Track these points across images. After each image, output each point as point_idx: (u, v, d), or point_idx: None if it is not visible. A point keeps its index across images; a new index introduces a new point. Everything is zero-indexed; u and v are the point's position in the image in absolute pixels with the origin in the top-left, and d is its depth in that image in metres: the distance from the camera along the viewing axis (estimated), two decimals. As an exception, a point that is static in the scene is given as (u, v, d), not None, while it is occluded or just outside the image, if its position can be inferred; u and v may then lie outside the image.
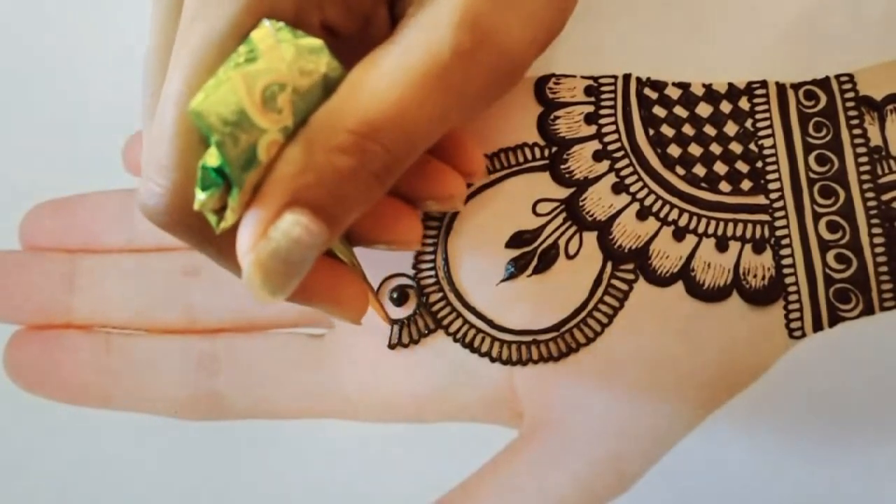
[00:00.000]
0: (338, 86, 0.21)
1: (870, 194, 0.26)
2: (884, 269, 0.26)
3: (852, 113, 0.27)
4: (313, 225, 0.20)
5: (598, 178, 0.27)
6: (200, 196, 0.20)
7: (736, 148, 0.27)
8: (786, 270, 0.26)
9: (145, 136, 0.24)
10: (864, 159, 0.27)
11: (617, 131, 0.28)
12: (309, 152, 0.20)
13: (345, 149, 0.20)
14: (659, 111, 0.28)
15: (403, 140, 0.21)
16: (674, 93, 0.28)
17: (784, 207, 0.27)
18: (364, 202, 0.21)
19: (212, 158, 0.20)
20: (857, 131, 0.27)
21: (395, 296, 0.28)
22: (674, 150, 0.27)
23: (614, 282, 0.27)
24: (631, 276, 0.27)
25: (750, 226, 0.27)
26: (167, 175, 0.21)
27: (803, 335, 0.26)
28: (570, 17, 0.24)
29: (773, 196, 0.27)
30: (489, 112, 0.28)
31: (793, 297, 0.26)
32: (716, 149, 0.27)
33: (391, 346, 0.27)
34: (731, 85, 0.28)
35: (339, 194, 0.20)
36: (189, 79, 0.21)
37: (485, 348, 0.27)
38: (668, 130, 0.27)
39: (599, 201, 0.27)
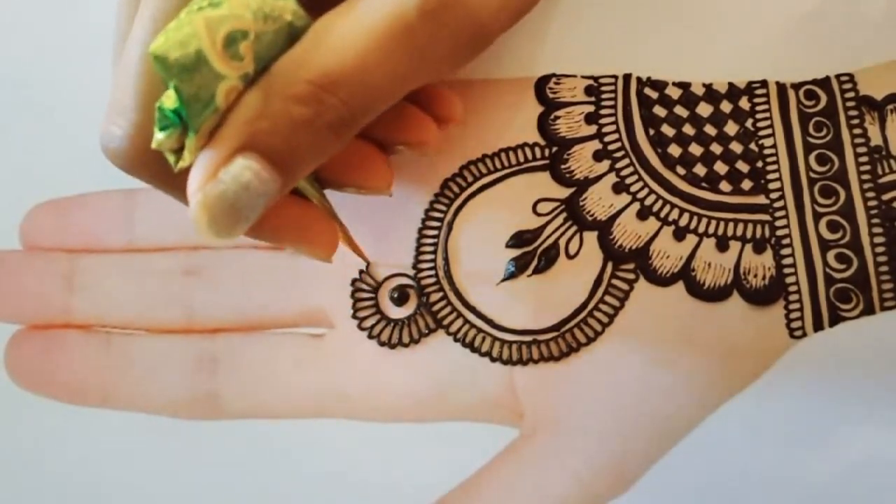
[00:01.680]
0: (302, 35, 0.21)
1: (870, 194, 0.26)
2: (884, 268, 0.26)
3: (853, 112, 0.27)
4: (264, 172, 0.20)
5: (598, 178, 0.27)
6: (158, 136, 0.20)
7: (736, 147, 0.27)
8: (786, 270, 0.26)
9: (112, 79, 0.24)
10: (864, 159, 0.27)
11: (617, 131, 0.28)
12: (266, 99, 0.20)
13: (301, 98, 0.20)
14: (659, 111, 0.28)
15: (362, 95, 0.21)
16: (674, 92, 0.28)
17: (784, 207, 0.27)
18: (319, 154, 0.21)
19: (169, 100, 0.20)
20: (857, 131, 0.27)
21: (395, 296, 0.28)
22: (674, 150, 0.27)
23: (615, 282, 0.27)
24: (631, 276, 0.27)
25: (750, 225, 0.27)
26: (128, 116, 0.21)
27: (804, 335, 0.26)
28: (571, 17, 0.24)
29: (774, 196, 0.27)
30: (489, 112, 0.28)
31: (793, 297, 0.26)
32: (716, 148, 0.27)
33: (391, 346, 0.27)
34: (731, 84, 0.28)
35: (294, 144, 0.20)
36: (155, 22, 0.21)
37: (485, 348, 0.27)
38: (668, 130, 0.27)
39: (600, 201, 0.27)
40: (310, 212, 0.24)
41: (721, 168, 0.27)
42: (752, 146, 0.27)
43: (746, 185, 0.27)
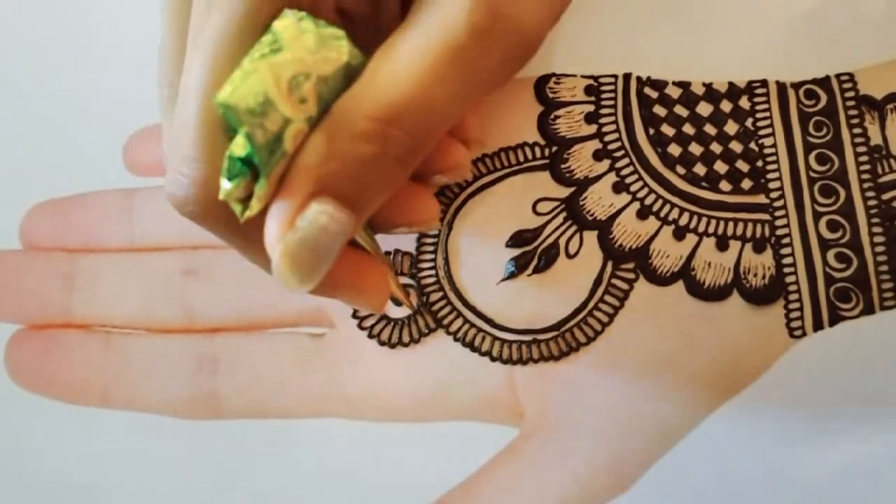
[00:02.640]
0: (358, 73, 0.21)
1: (870, 193, 0.26)
2: (884, 268, 0.26)
3: (852, 112, 0.27)
4: (339, 213, 0.20)
5: (598, 178, 0.27)
6: (226, 185, 0.20)
7: (736, 147, 0.27)
8: (786, 269, 0.26)
9: (164, 127, 0.24)
10: (864, 158, 0.27)
11: (617, 130, 0.28)
12: (332, 141, 0.20)
13: (367, 136, 0.20)
14: (659, 110, 0.28)
15: (424, 123, 0.21)
16: (674, 92, 0.28)
17: (784, 206, 0.27)
18: (388, 187, 0.21)
19: (239, 148, 0.20)
20: (857, 130, 0.27)
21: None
22: (674, 150, 0.27)
23: (615, 281, 0.27)
24: (631, 276, 0.27)
25: (750, 225, 0.27)
26: (193, 166, 0.21)
27: (803, 334, 0.26)
28: (571, 17, 0.24)
29: (774, 195, 0.27)
30: (489, 112, 0.28)
31: (793, 297, 0.26)
32: (716, 148, 0.27)
33: (391, 346, 0.27)
34: (731, 84, 0.28)
35: (363, 181, 0.21)
36: (209, 69, 0.21)
37: (485, 347, 0.27)
38: (668, 130, 0.27)
39: (600, 200, 0.27)
40: (363, 261, 0.24)
41: (721, 167, 0.27)
42: (752, 145, 0.27)
43: (746, 184, 0.27)
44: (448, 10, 0.21)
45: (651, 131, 0.27)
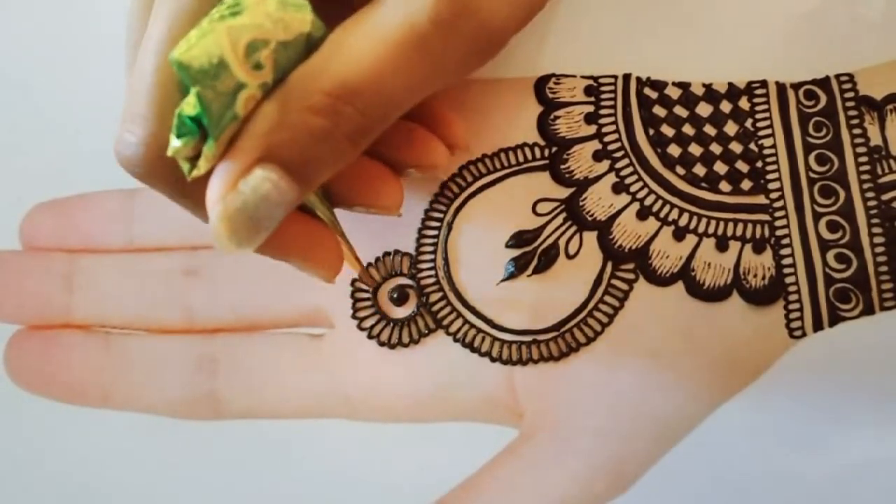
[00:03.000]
0: (318, 46, 0.21)
1: (870, 194, 0.26)
2: (884, 268, 0.26)
3: (852, 113, 0.27)
4: (283, 182, 0.20)
5: (598, 178, 0.27)
6: (175, 143, 0.20)
7: (736, 148, 0.27)
8: (786, 270, 0.26)
9: (126, 86, 0.24)
10: (864, 159, 0.27)
11: (617, 131, 0.28)
12: (284, 110, 0.20)
13: (319, 109, 0.20)
14: (659, 111, 0.28)
15: (378, 104, 0.21)
16: (674, 92, 0.28)
17: (784, 207, 0.27)
18: (336, 163, 0.22)
19: (189, 107, 0.20)
20: (857, 131, 0.27)
21: (395, 296, 0.28)
22: (674, 150, 0.27)
23: (614, 282, 0.27)
24: (631, 276, 0.27)
25: (750, 225, 0.27)
26: (144, 124, 0.21)
27: (803, 335, 0.26)
28: (571, 17, 0.24)
29: (774, 196, 0.27)
30: (489, 112, 0.28)
31: (793, 297, 0.26)
32: (716, 148, 0.27)
33: (391, 346, 0.27)
34: (731, 85, 0.28)
35: (311, 154, 0.21)
36: (170, 30, 0.21)
37: (485, 348, 0.27)
38: (668, 130, 0.27)
39: (599, 201, 0.27)
40: (317, 229, 0.24)
41: (721, 168, 0.27)
42: (752, 146, 0.27)
43: (746, 185, 0.27)
44: (414, 0, 0.21)
45: (651, 132, 0.27)
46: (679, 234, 0.27)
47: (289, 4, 0.20)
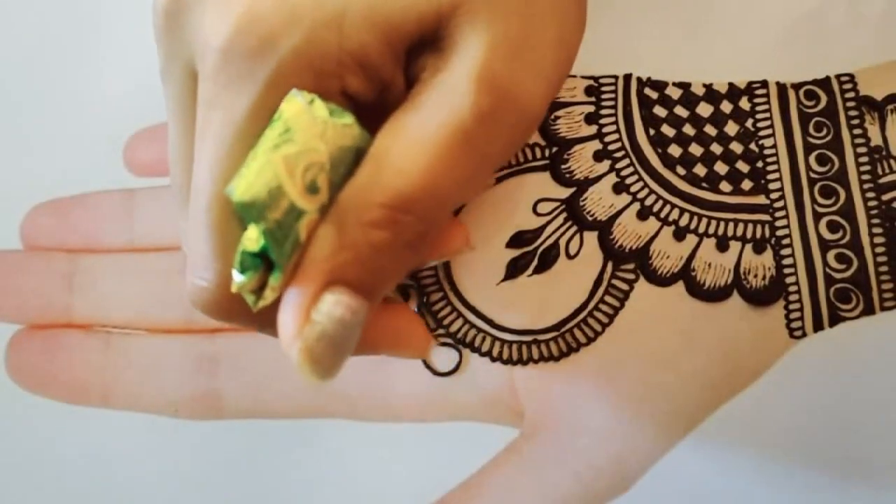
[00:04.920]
0: (363, 155, 0.21)
1: (870, 194, 0.26)
2: (884, 268, 0.26)
3: (853, 113, 0.27)
4: (354, 302, 0.20)
5: (598, 178, 0.27)
6: (239, 279, 0.20)
7: (736, 148, 0.27)
8: (786, 270, 0.26)
9: (180, 227, 0.24)
10: (864, 159, 0.27)
11: (617, 131, 0.28)
12: (343, 230, 0.20)
13: (378, 223, 0.20)
14: (659, 111, 0.28)
15: (434, 207, 0.21)
16: (674, 93, 0.28)
17: (784, 207, 0.27)
18: (401, 272, 0.21)
19: (251, 243, 0.19)
20: (857, 131, 0.27)
21: (395, 296, 0.28)
22: (674, 150, 0.27)
23: (615, 282, 0.27)
24: (631, 276, 0.27)
25: (750, 226, 0.27)
26: (211, 267, 0.21)
27: (804, 335, 0.26)
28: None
29: (774, 196, 0.27)
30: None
31: (793, 297, 0.26)
32: (716, 149, 0.27)
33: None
34: (731, 85, 0.28)
35: (377, 268, 0.20)
36: (215, 169, 0.21)
37: (485, 348, 0.27)
38: (668, 130, 0.27)
39: (600, 201, 0.27)
40: (396, 312, 0.25)
41: (721, 168, 0.27)
42: (753, 146, 0.27)
43: (746, 185, 0.27)
44: (453, 95, 0.21)
45: (651, 132, 0.27)
46: (679, 234, 0.27)
47: (337, 123, 0.20)
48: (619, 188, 0.27)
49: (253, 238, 0.19)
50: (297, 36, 0.20)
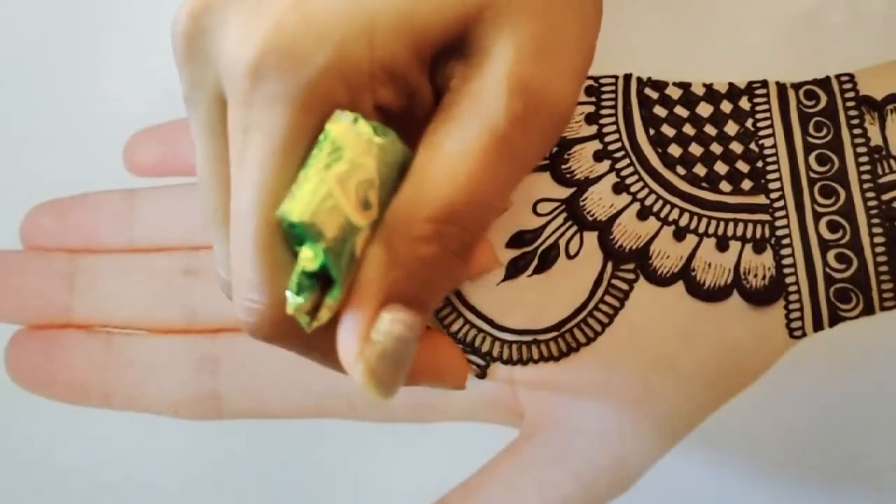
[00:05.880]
0: (406, 170, 0.21)
1: (870, 194, 0.26)
2: (884, 268, 0.26)
3: (853, 113, 0.27)
4: (410, 318, 0.20)
5: (598, 178, 0.27)
6: (295, 300, 0.20)
7: (736, 147, 0.27)
8: (786, 270, 0.26)
9: (218, 250, 0.24)
10: (864, 159, 0.27)
11: (617, 131, 0.28)
12: (392, 248, 0.20)
13: (426, 238, 0.20)
14: (659, 111, 0.28)
15: (478, 216, 0.21)
16: (674, 93, 0.28)
17: (784, 207, 0.27)
18: (451, 281, 0.21)
19: (309, 263, 0.20)
20: (857, 131, 0.27)
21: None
22: (674, 150, 0.27)
23: (615, 282, 0.27)
24: (631, 276, 0.27)
25: (750, 225, 0.27)
26: (261, 290, 0.21)
27: (804, 335, 0.26)
28: None
29: (774, 196, 0.27)
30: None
31: (793, 297, 0.26)
32: (716, 148, 0.27)
33: None
34: (731, 85, 0.28)
35: (428, 281, 0.20)
36: (261, 193, 0.20)
37: (485, 348, 0.27)
38: (668, 130, 0.27)
39: (600, 201, 0.27)
40: (435, 342, 0.25)
41: (721, 168, 0.27)
42: (753, 146, 0.27)
43: (746, 185, 0.27)
44: (487, 102, 0.21)
45: (651, 132, 0.27)
46: (679, 234, 0.27)
47: (381, 139, 0.20)
48: (619, 188, 0.27)
49: (310, 258, 0.20)
50: (328, 51, 0.20)
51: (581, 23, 0.22)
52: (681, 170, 0.27)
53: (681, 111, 0.28)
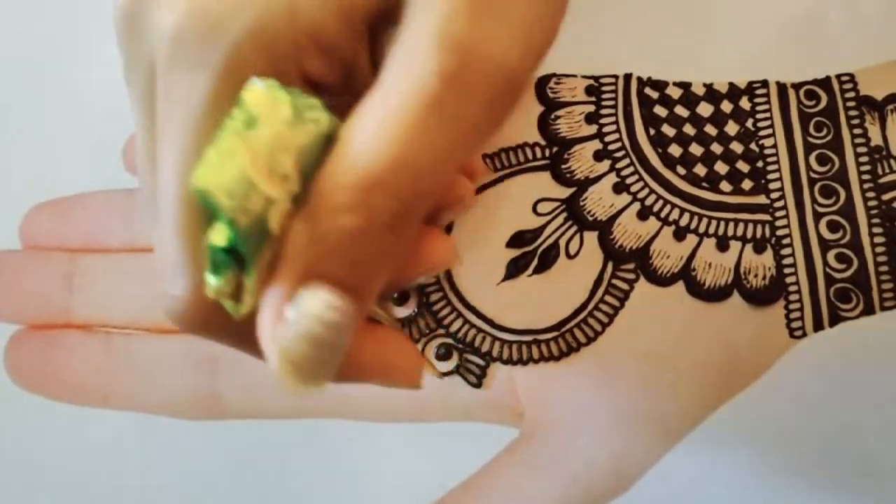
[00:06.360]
0: (334, 142, 0.19)
1: (870, 194, 0.26)
2: (884, 268, 0.26)
3: (853, 113, 0.27)
4: (335, 298, 0.18)
5: (598, 178, 0.27)
6: (212, 281, 0.18)
7: (737, 147, 0.27)
8: (786, 270, 0.26)
9: (151, 235, 0.22)
10: (864, 159, 0.27)
11: (618, 131, 0.28)
12: (313, 220, 0.18)
13: (348, 207, 0.18)
14: (660, 111, 0.28)
15: (410, 184, 0.19)
16: (675, 92, 0.28)
17: (785, 207, 0.27)
18: (385, 260, 0.19)
19: (219, 237, 0.18)
20: (857, 131, 0.27)
21: (395, 296, 0.28)
22: (675, 150, 0.27)
23: (615, 281, 0.27)
24: (632, 276, 0.27)
25: (751, 225, 0.27)
26: (182, 273, 0.20)
27: (804, 335, 0.26)
28: (572, 17, 0.24)
29: (774, 196, 0.27)
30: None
31: (793, 297, 0.26)
32: (717, 148, 0.27)
33: None
34: (731, 84, 0.28)
35: (355, 258, 0.18)
36: (179, 167, 0.19)
37: (485, 348, 0.27)
38: (668, 130, 0.27)
39: (600, 201, 0.27)
40: (387, 337, 0.22)
41: (721, 168, 0.27)
42: (753, 146, 0.27)
43: (747, 185, 0.27)
44: (415, 59, 0.19)
45: (652, 132, 0.27)
46: (680, 234, 0.27)
47: (301, 106, 0.19)
48: (619, 188, 0.27)
49: (221, 231, 0.18)
50: (248, 17, 0.19)
51: None
52: (681, 170, 0.27)
53: (681, 111, 0.28)
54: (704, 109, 0.27)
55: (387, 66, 0.19)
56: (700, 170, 0.27)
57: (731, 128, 0.27)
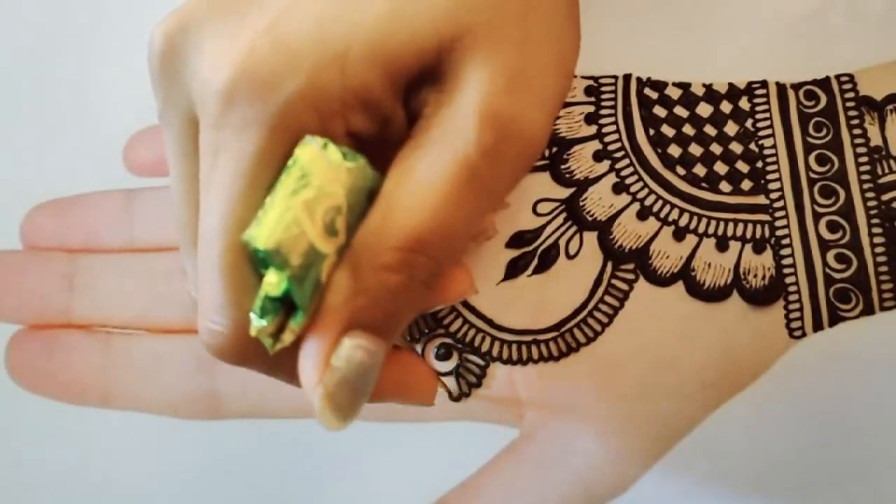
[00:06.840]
0: (374, 195, 0.21)
1: (870, 194, 0.26)
2: (884, 268, 0.26)
3: (852, 113, 0.27)
4: (371, 344, 0.20)
5: (598, 178, 0.27)
6: (258, 323, 0.20)
7: (736, 148, 0.27)
8: (786, 270, 0.26)
9: (188, 271, 0.24)
10: (864, 159, 0.27)
11: (617, 131, 0.28)
12: (357, 275, 0.20)
13: (392, 267, 0.20)
14: (659, 111, 0.28)
15: (446, 246, 0.21)
16: (674, 93, 0.28)
17: (784, 207, 0.27)
18: (415, 311, 0.22)
19: (273, 288, 0.20)
20: (857, 131, 0.27)
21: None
22: (674, 150, 0.27)
23: (614, 282, 0.27)
24: (631, 276, 0.27)
25: (750, 226, 0.27)
26: (224, 313, 0.21)
27: (803, 335, 0.26)
28: None
29: (774, 196, 0.27)
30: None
31: (793, 297, 0.26)
32: (716, 149, 0.27)
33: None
34: (731, 85, 0.28)
35: (392, 310, 0.21)
36: (227, 217, 0.21)
37: (485, 348, 0.27)
38: (668, 130, 0.27)
39: (600, 201, 0.27)
40: (402, 359, 0.25)
41: (721, 168, 0.27)
42: (752, 146, 0.27)
43: (746, 185, 0.27)
44: (458, 132, 0.20)
45: (651, 132, 0.27)
46: (679, 234, 0.27)
47: (351, 165, 0.20)
48: (618, 188, 0.27)
49: (274, 283, 0.20)
50: (300, 77, 0.20)
51: (557, 51, 0.22)
52: (680, 170, 0.27)
53: (681, 111, 0.28)
54: (704, 110, 0.28)
55: (428, 129, 0.21)
56: (699, 170, 0.27)
57: (731, 128, 0.27)
